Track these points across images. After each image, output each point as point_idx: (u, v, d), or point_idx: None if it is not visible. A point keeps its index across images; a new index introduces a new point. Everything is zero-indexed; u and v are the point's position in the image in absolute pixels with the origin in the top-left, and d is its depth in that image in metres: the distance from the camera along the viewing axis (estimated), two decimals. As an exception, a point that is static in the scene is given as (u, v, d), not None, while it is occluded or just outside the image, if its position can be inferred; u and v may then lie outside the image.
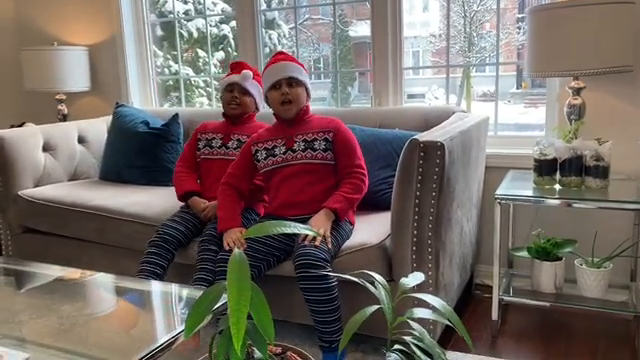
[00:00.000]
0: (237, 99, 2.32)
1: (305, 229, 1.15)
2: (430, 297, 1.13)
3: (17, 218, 2.67)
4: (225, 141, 2.34)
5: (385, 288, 1.18)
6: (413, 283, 1.21)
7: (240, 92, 2.34)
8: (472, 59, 10.43)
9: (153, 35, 3.53)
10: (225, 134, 2.36)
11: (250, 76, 2.34)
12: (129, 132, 2.87)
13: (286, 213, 2.03)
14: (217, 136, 2.36)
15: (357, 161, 2.04)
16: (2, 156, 2.61)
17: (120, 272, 2.33)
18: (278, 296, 2.05)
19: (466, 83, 9.86)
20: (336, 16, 3.07)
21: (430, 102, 10.01)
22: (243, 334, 1.03)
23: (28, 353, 1.72)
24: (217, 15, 4.41)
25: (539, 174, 2.12)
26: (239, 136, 2.33)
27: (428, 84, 10.78)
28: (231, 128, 2.36)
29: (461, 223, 2.07)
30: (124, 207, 2.39)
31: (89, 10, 3.44)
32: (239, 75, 2.34)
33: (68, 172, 2.94)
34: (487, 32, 9.29)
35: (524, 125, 6.70)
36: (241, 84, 2.33)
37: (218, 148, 2.34)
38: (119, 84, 3.43)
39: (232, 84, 2.34)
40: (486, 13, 8.67)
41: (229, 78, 2.36)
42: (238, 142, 2.31)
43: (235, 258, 1.10)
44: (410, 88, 11.14)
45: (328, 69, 3.15)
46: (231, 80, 2.35)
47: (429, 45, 12.33)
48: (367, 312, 1.12)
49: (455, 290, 2.08)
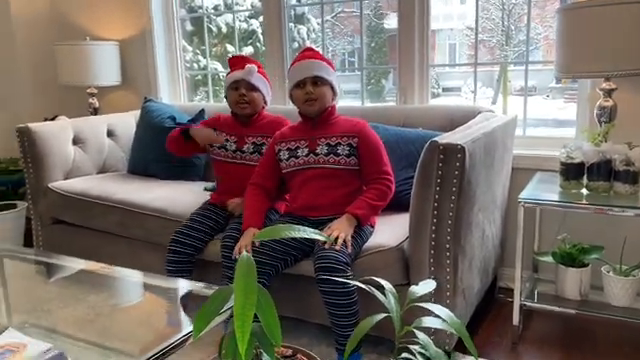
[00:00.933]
0: (245, 97, 2.22)
1: (316, 234, 1.14)
2: (437, 307, 1.11)
3: (47, 210, 2.74)
4: (239, 145, 2.27)
5: (394, 296, 1.16)
6: (423, 291, 1.19)
7: (247, 88, 2.23)
8: (509, 53, 10.17)
9: (183, 30, 3.56)
10: (239, 137, 2.28)
11: (255, 70, 2.23)
12: (156, 127, 2.91)
13: (307, 214, 2.03)
14: (231, 138, 2.28)
15: (383, 167, 2.00)
16: (33, 149, 2.68)
17: (143, 266, 2.38)
18: (296, 295, 2.05)
19: (503, 78, 9.64)
20: (362, 9, 3.02)
21: (466, 96, 9.82)
22: (248, 337, 1.03)
23: (51, 343, 1.77)
24: (246, 10, 4.42)
25: (565, 178, 2.06)
26: (254, 139, 2.26)
27: (464, 77, 10.57)
28: (244, 130, 2.29)
29: (482, 227, 2.03)
30: (147, 202, 2.43)
31: (121, 5, 3.50)
32: (243, 70, 2.22)
33: (97, 165, 3.01)
34: (525, 25, 9.10)
35: (563, 121, 6.51)
36: (247, 80, 2.22)
37: (233, 152, 2.27)
38: (148, 79, 3.48)
39: (237, 81, 2.23)
40: (525, 5, 8.47)
41: (233, 75, 2.24)
42: (254, 145, 2.26)
43: (243, 261, 1.10)
44: (445, 82, 10.96)
45: (362, 63, 3.10)
46: (236, 77, 2.23)
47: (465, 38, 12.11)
48: (374, 320, 1.11)
49: (475, 294, 2.04)
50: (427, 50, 2.70)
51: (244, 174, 2.18)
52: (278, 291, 2.06)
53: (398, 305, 1.15)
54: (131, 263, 2.44)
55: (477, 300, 2.10)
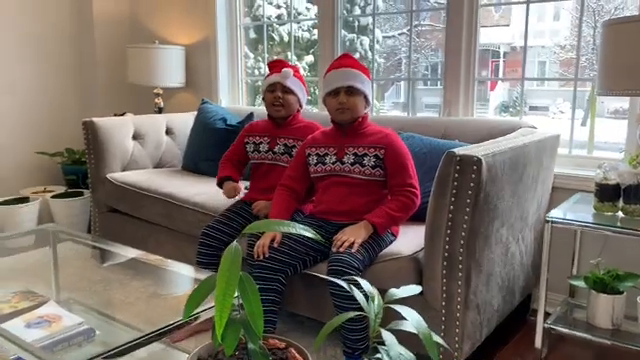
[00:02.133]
0: (280, 99, 2.28)
1: (307, 232, 1.18)
2: (408, 311, 1.12)
3: (104, 198, 2.96)
4: (272, 146, 2.35)
5: (371, 296, 1.19)
6: (402, 294, 1.20)
7: (282, 91, 2.29)
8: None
9: (246, 37, 3.73)
10: (272, 138, 2.36)
11: (290, 73, 2.30)
12: (208, 127, 3.07)
13: (328, 218, 2.07)
14: (264, 140, 2.37)
15: (409, 180, 1.99)
16: (96, 141, 2.91)
17: (183, 256, 2.52)
18: (314, 295, 2.10)
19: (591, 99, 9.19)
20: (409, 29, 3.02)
21: (553, 115, 9.41)
22: (225, 322, 1.08)
23: (87, 319, 1.93)
24: (308, 20, 4.53)
25: (600, 199, 1.97)
26: (285, 140, 2.33)
27: (553, 97, 10.14)
28: (277, 131, 2.36)
29: (506, 243, 1.98)
30: (190, 196, 2.57)
31: (189, 12, 3.72)
32: (279, 74, 2.29)
33: (154, 160, 3.21)
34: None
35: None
36: (282, 83, 2.28)
37: (265, 153, 2.35)
38: (210, 82, 3.67)
39: (273, 84, 2.30)
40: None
41: (270, 78, 2.32)
42: (285, 147, 2.32)
43: (230, 249, 1.16)
44: (533, 100, 10.53)
45: (409, 74, 3.12)
46: (272, 80, 2.30)
47: (553, 55, 11.64)
48: (344, 317, 1.14)
49: (495, 311, 2.00)
50: (474, 64, 2.67)
51: (274, 174, 2.27)
52: (296, 290, 2.12)
53: (374, 305, 1.18)
54: (172, 253, 2.60)
55: (498, 319, 2.05)
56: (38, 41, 3.80)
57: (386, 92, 9.24)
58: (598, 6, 9.37)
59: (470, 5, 2.61)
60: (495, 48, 11.43)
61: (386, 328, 1.16)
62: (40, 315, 1.82)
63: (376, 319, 1.17)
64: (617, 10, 8.19)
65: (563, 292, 2.42)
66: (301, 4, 4.44)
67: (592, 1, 9.23)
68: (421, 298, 1.84)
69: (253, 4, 3.79)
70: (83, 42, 3.97)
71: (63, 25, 3.91)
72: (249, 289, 1.19)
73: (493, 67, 11.45)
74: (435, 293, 1.80)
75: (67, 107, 4.00)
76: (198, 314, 1.67)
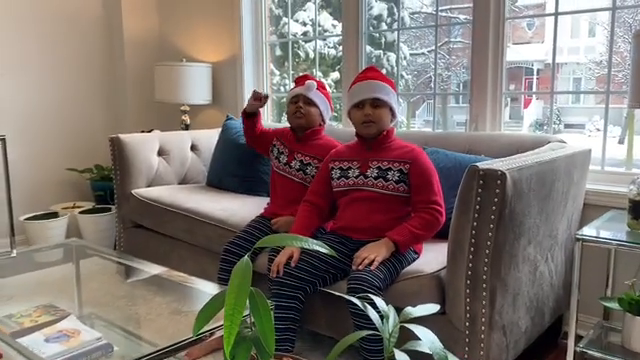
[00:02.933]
0: (301, 109, 2.30)
1: (320, 247, 1.13)
2: (423, 331, 1.06)
3: (129, 214, 2.98)
4: (289, 160, 2.36)
5: (385, 315, 1.14)
6: (418, 313, 1.15)
7: (304, 102, 2.32)
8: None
9: (272, 55, 3.75)
10: (290, 151, 2.37)
11: (314, 86, 2.32)
12: (232, 143, 3.07)
13: (349, 235, 2.03)
14: (285, 151, 2.39)
15: (433, 197, 1.94)
16: (122, 157, 2.94)
17: (203, 273, 2.51)
18: (334, 314, 2.05)
19: (629, 115, 8.95)
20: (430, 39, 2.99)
21: (589, 133, 9.18)
22: (233, 339, 1.05)
23: (107, 334, 1.92)
24: (333, 36, 4.54)
25: (634, 216, 1.88)
26: (302, 157, 2.33)
27: (589, 114, 9.92)
28: (296, 145, 2.37)
29: (535, 262, 1.90)
30: (211, 211, 2.56)
31: (215, 31, 3.76)
32: (303, 86, 2.33)
33: (179, 176, 3.22)
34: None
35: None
36: (305, 95, 2.31)
37: (284, 165, 2.37)
38: (236, 99, 3.69)
39: (297, 96, 2.34)
40: (656, 38, 7.83)
41: (293, 90, 2.37)
42: (300, 163, 2.32)
43: (241, 264, 1.13)
44: (569, 117, 10.35)
45: (435, 89, 3.08)
46: (295, 92, 2.35)
47: (589, 72, 11.43)
48: (357, 336, 1.10)
49: (523, 333, 1.91)
50: (501, 78, 2.61)
51: (289, 188, 2.26)
52: (316, 308, 2.08)
53: (388, 324, 1.13)
54: (194, 269, 2.58)
55: (527, 341, 1.96)
56: (70, 60, 3.90)
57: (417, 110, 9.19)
58: (635, 21, 9.13)
59: (496, 18, 2.56)
60: (529, 65, 11.27)
61: (401, 348, 1.11)
62: (60, 329, 1.82)
63: (390, 338, 1.12)
64: (656, 22, 7.89)
65: (597, 314, 2.31)
66: (327, 21, 4.46)
67: (628, 16, 8.95)
68: (444, 318, 1.77)
69: (279, 22, 3.83)
70: (113, 61, 4.06)
71: (94, 44, 4.01)
72: (260, 305, 1.15)
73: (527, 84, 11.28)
74: (458, 313, 1.73)
75: (97, 124, 4.08)
76: (213, 330, 1.64)
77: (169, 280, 2.26)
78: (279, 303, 1.91)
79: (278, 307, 1.92)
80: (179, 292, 2.23)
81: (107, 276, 2.56)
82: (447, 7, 7.04)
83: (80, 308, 2.35)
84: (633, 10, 8.00)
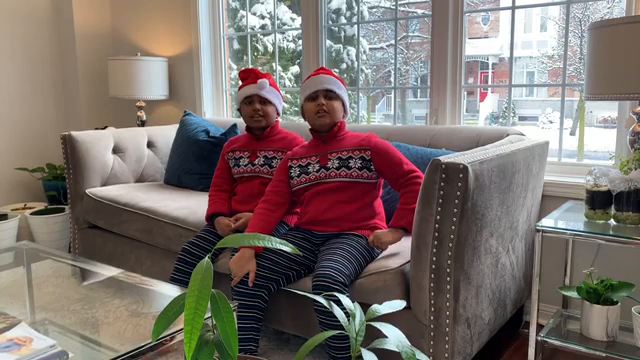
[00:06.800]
0: (259, 111, 2.24)
1: (282, 245, 1.11)
2: (390, 328, 1.05)
3: (83, 214, 2.87)
4: (252, 159, 2.29)
5: (352, 314, 1.12)
6: (383, 311, 1.13)
7: (260, 102, 2.25)
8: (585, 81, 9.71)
9: (230, 49, 3.67)
10: (251, 152, 2.30)
11: (267, 84, 2.25)
12: (190, 139, 2.99)
13: (313, 229, 2.00)
14: (244, 154, 2.31)
15: (406, 167, 1.96)
16: (74, 156, 2.82)
17: (164, 273, 2.43)
18: (299, 312, 2.02)
19: (580, 107, 9.23)
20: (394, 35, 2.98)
21: (542, 125, 9.43)
22: (195, 344, 1.01)
23: (62, 340, 1.83)
24: (292, 30, 4.49)
25: (591, 207, 1.91)
26: (265, 152, 2.28)
27: (542, 107, 10.18)
28: (257, 145, 2.31)
29: (497, 254, 1.92)
30: (170, 211, 2.48)
31: (171, 24, 3.66)
32: (255, 85, 2.24)
33: (135, 174, 3.12)
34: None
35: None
36: (260, 94, 2.24)
37: (245, 166, 2.29)
38: (194, 94, 3.60)
39: (250, 96, 2.25)
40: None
41: (245, 90, 2.26)
42: (265, 159, 2.27)
43: (201, 266, 1.08)
44: (522, 110, 10.61)
45: (396, 82, 3.07)
46: (248, 92, 2.25)
47: (541, 65, 11.73)
48: (322, 336, 1.07)
49: (486, 325, 1.92)
50: (460, 72, 2.62)
51: (255, 186, 2.21)
52: (281, 306, 2.04)
53: (354, 323, 1.10)
54: (153, 270, 2.50)
55: (490, 332, 1.98)
56: (18, 55, 3.72)
57: (377, 104, 9.24)
58: (584, 16, 9.42)
59: (455, 12, 2.57)
60: (484, 59, 11.49)
61: (368, 347, 1.09)
62: (10, 338, 1.73)
63: (357, 337, 1.10)
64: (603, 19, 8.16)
65: (556, 303, 2.36)
66: (285, 14, 4.40)
67: (578, 11, 9.22)
68: (409, 313, 1.77)
69: (236, 15, 3.75)
70: (64, 55, 3.90)
71: (43, 38, 3.84)
72: (223, 308, 1.11)
73: (482, 78, 11.51)
74: (423, 307, 1.73)
75: (48, 122, 3.91)
76: (174, 334, 1.59)
77: (127, 282, 2.19)
78: (242, 302, 1.87)
79: (241, 306, 1.88)
80: (138, 294, 2.16)
81: (61, 279, 2.46)
82: (405, 1, 7.08)
83: (32, 314, 2.24)
84: (582, 5, 8.24)
